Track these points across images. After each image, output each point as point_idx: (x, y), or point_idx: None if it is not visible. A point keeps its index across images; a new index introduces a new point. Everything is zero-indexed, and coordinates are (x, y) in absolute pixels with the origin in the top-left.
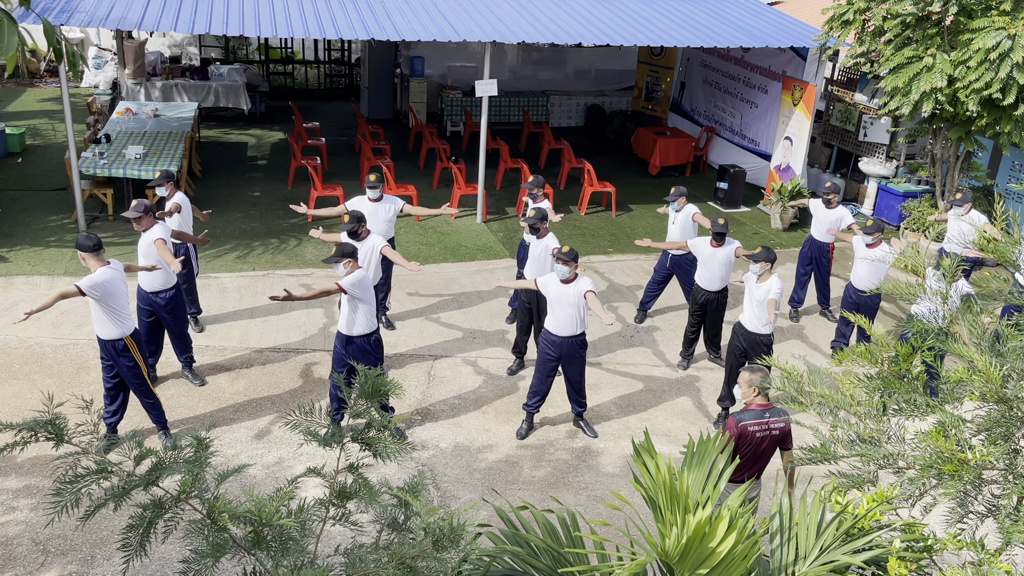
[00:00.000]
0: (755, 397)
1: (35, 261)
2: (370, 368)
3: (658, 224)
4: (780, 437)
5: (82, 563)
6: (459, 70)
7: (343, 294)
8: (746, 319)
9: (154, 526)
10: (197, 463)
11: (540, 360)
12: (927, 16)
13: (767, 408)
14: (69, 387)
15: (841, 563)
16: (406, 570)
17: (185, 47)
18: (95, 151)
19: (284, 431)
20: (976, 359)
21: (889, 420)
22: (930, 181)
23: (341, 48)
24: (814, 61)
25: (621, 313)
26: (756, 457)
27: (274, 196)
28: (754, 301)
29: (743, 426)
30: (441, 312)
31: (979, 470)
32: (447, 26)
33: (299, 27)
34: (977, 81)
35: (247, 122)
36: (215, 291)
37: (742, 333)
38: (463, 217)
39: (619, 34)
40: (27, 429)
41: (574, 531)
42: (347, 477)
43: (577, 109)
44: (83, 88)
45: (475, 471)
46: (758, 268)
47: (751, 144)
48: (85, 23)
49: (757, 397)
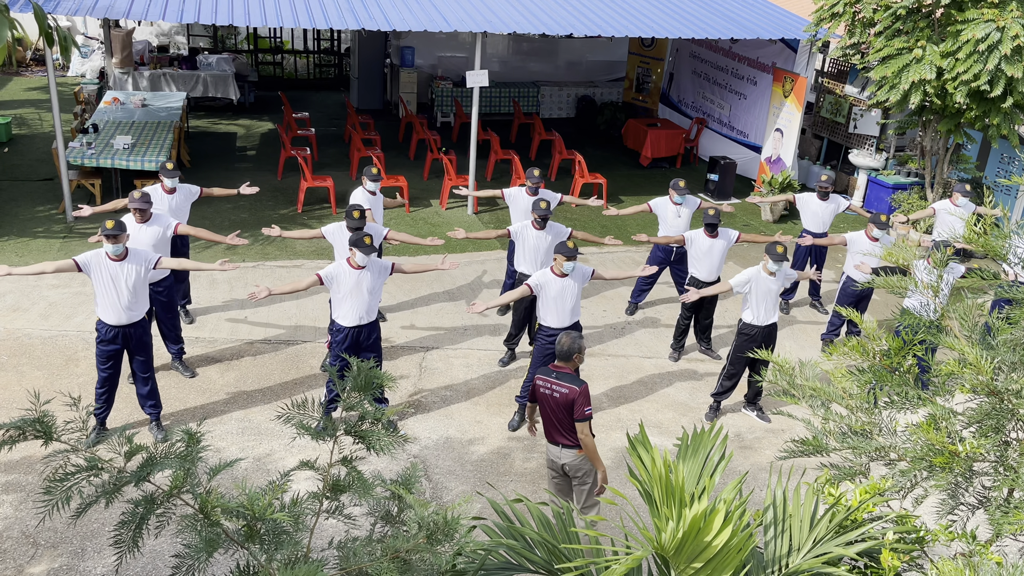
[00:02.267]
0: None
1: (23, 252)
2: (363, 360)
3: (649, 216)
4: (563, 402)
5: (72, 556)
6: (449, 60)
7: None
8: (760, 316)
9: (146, 521)
10: (189, 458)
11: (538, 354)
12: (918, 8)
13: (559, 371)
14: (58, 379)
15: (835, 555)
16: (400, 563)
17: (173, 36)
18: (83, 141)
19: (274, 423)
20: (967, 352)
21: (880, 413)
22: (919, 173)
23: (331, 38)
24: (805, 53)
25: (612, 305)
26: (547, 416)
27: (263, 187)
28: (771, 296)
29: (536, 379)
30: (432, 304)
31: (970, 462)
32: (438, 16)
33: (289, 17)
34: (966, 73)
35: (236, 112)
36: (205, 283)
37: (756, 332)
38: (453, 208)
39: (610, 25)
40: (15, 428)
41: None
42: (340, 470)
43: (568, 100)
44: (70, 77)
45: (466, 463)
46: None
47: (740, 136)
48: (73, 11)
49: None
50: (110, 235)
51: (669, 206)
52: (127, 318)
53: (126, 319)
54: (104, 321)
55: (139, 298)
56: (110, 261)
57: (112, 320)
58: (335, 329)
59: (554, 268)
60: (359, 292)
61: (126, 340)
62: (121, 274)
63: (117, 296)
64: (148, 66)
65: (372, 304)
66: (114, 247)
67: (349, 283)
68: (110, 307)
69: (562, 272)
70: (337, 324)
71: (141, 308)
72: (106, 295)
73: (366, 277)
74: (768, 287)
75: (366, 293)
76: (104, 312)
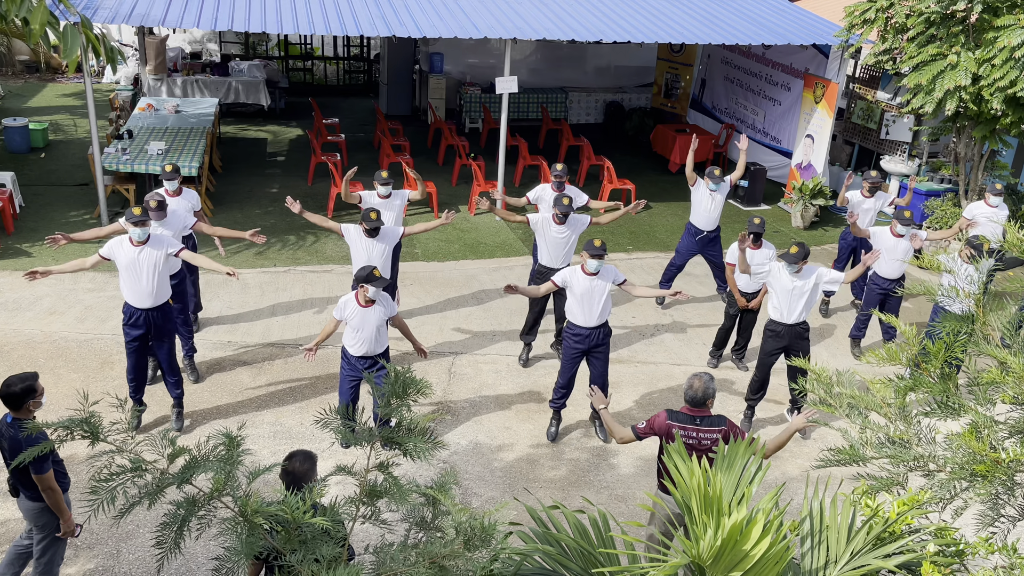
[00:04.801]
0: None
1: (58, 256)
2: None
3: (679, 222)
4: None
5: (108, 557)
6: (478, 67)
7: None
8: (782, 314)
9: (187, 523)
10: (230, 461)
11: (566, 354)
12: (951, 14)
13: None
14: (94, 381)
15: (873, 568)
16: (437, 569)
17: (205, 43)
18: (117, 147)
19: (306, 427)
20: (1010, 361)
21: (919, 422)
22: (953, 180)
23: (360, 44)
24: (836, 59)
25: (641, 311)
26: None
27: (294, 192)
28: (794, 294)
29: (669, 424)
30: (461, 308)
31: (1012, 471)
32: (468, 23)
33: (320, 24)
34: (1002, 79)
35: (266, 118)
36: (237, 287)
37: (779, 330)
38: (483, 214)
39: (639, 31)
40: (63, 428)
41: (605, 532)
42: (376, 476)
43: (596, 106)
44: (104, 84)
45: (496, 469)
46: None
47: (772, 141)
48: (109, 19)
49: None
50: (137, 221)
51: (704, 191)
52: (150, 302)
53: (149, 303)
54: (128, 303)
55: (161, 283)
56: (131, 246)
57: (135, 302)
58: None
59: (583, 266)
60: (367, 327)
61: (148, 324)
62: (141, 259)
63: (137, 279)
64: (181, 73)
65: (381, 339)
66: (140, 232)
67: (356, 320)
68: (132, 291)
69: (589, 271)
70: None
71: (164, 293)
72: (128, 279)
73: (374, 314)
74: (783, 284)
75: (374, 328)
76: (128, 295)
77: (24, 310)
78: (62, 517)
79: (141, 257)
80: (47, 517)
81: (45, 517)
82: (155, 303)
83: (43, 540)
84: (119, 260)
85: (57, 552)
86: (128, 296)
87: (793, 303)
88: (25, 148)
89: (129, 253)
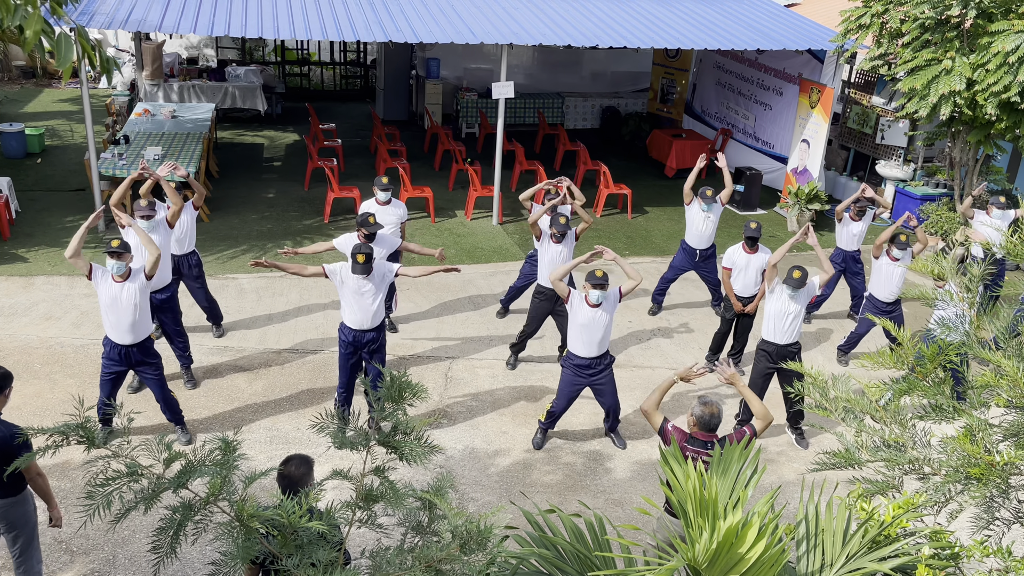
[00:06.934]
0: (695, 428)
1: (55, 261)
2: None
3: (675, 227)
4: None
5: (104, 563)
6: (475, 72)
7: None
8: (775, 334)
9: (184, 528)
10: (226, 466)
11: (566, 385)
12: (946, 20)
13: (710, 440)
14: (90, 387)
15: (868, 571)
16: (433, 573)
17: (202, 48)
18: (114, 152)
19: (302, 432)
20: (1004, 364)
21: (913, 425)
22: (948, 184)
23: (357, 49)
24: (831, 64)
25: (637, 316)
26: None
27: (290, 197)
28: (788, 316)
29: (684, 446)
30: (458, 313)
31: (1006, 474)
32: (464, 28)
33: (316, 29)
34: (996, 84)
35: (263, 123)
36: (233, 292)
37: (771, 350)
38: (479, 219)
39: (635, 36)
40: (59, 433)
41: (602, 536)
42: (372, 480)
43: (592, 111)
44: (101, 89)
45: (491, 473)
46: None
47: (766, 147)
48: (105, 25)
49: (696, 428)
50: (113, 252)
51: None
52: (130, 338)
53: (129, 339)
54: (109, 337)
55: (143, 318)
56: (112, 281)
57: (116, 338)
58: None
59: (587, 297)
60: (360, 297)
61: (128, 360)
62: (124, 296)
63: (117, 315)
64: (177, 78)
65: (377, 312)
66: (117, 265)
67: (351, 286)
68: (112, 326)
69: (592, 303)
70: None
71: (144, 329)
72: (109, 315)
73: (369, 282)
74: (781, 307)
75: (369, 300)
76: (109, 329)
77: (20, 315)
78: (50, 504)
79: (124, 295)
80: (21, 508)
81: (19, 509)
82: (135, 339)
83: (19, 540)
84: (100, 292)
85: (37, 550)
86: (109, 331)
87: (790, 324)
88: (21, 153)
89: (110, 289)
